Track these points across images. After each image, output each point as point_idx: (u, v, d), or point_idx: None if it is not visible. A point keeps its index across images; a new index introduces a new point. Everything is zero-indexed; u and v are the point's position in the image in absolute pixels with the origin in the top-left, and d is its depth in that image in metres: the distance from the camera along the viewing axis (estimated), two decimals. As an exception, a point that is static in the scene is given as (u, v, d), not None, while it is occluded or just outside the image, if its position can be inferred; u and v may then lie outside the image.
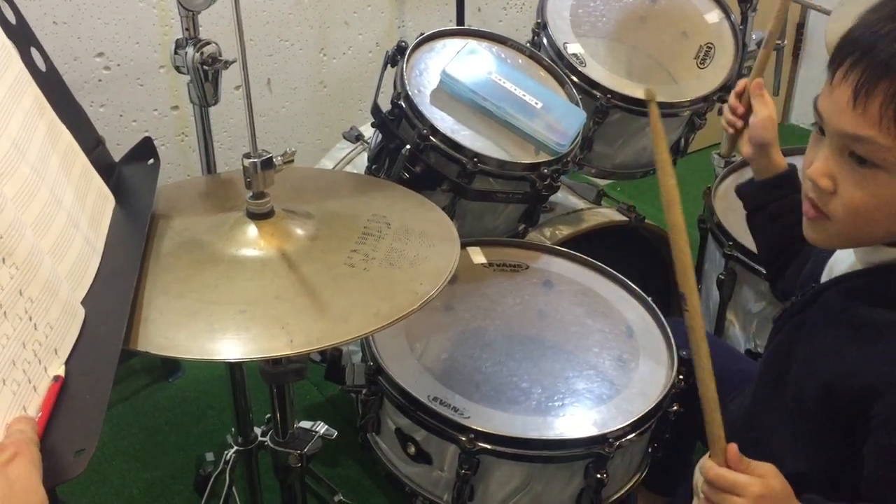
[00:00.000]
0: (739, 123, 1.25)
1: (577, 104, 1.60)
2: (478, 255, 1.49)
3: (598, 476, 1.13)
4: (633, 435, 1.15)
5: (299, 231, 1.07)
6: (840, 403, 0.91)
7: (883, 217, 0.86)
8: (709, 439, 0.87)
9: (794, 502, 0.86)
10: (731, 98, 1.26)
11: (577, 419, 1.17)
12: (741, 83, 1.25)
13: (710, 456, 0.88)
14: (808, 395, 0.95)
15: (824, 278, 1.03)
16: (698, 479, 0.91)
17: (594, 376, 1.25)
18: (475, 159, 1.41)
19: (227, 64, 1.27)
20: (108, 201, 1.04)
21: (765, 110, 1.20)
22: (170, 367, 2.11)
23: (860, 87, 0.82)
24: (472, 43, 1.60)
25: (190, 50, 1.24)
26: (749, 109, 1.23)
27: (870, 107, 0.81)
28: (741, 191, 1.30)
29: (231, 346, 0.88)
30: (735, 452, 0.86)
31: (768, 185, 1.22)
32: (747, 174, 1.85)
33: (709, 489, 0.87)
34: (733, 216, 1.71)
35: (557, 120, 1.52)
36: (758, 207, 1.25)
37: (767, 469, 0.86)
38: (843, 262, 1.00)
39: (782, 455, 0.97)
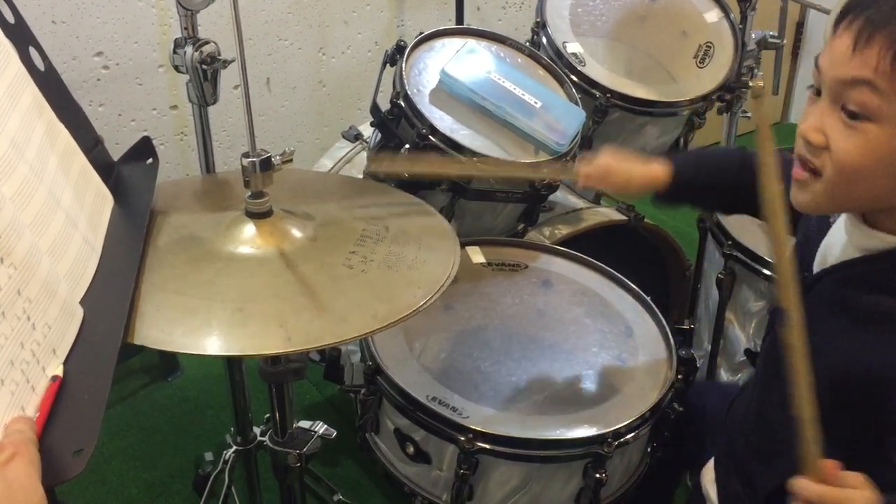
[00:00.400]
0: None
1: (576, 103, 1.60)
2: (477, 255, 1.49)
3: (597, 476, 1.13)
4: (632, 435, 1.15)
5: (297, 231, 1.06)
6: (851, 393, 0.90)
7: (871, 175, 0.86)
8: (803, 459, 0.84)
9: None
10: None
11: (575, 419, 1.17)
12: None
13: (806, 474, 0.84)
14: (820, 387, 0.94)
15: (816, 268, 1.02)
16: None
17: (593, 376, 1.25)
18: (474, 159, 1.41)
19: (225, 63, 1.26)
20: (106, 201, 1.04)
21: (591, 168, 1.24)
22: (168, 366, 2.11)
23: (860, 34, 0.83)
24: (472, 42, 1.60)
25: (189, 49, 1.24)
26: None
27: (868, 51, 0.82)
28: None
29: (228, 342, 0.88)
30: (833, 468, 0.83)
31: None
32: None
33: None
34: (733, 216, 1.71)
35: (557, 119, 1.52)
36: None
37: (860, 479, 0.83)
38: (835, 248, 0.99)
39: (794, 451, 0.97)
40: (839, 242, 0.98)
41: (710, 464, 1.18)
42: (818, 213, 1.00)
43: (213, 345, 0.88)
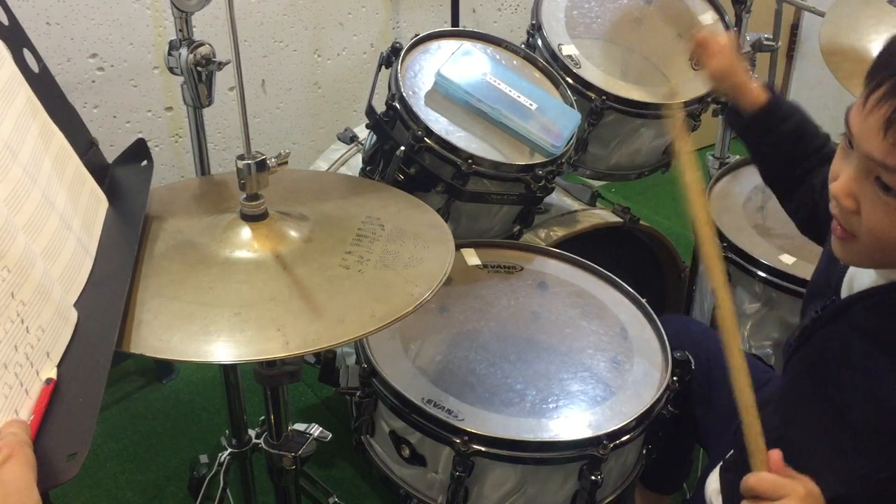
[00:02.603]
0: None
1: (571, 105, 1.61)
2: (472, 257, 1.49)
3: (593, 478, 1.13)
4: (628, 436, 1.15)
5: (293, 233, 1.06)
6: (888, 422, 0.89)
7: None
8: (749, 450, 0.86)
9: None
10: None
11: (571, 421, 1.17)
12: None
13: (752, 468, 0.87)
14: (853, 416, 0.92)
15: (844, 292, 1.00)
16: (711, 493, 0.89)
17: (588, 378, 1.25)
18: (470, 161, 1.41)
19: (220, 65, 1.26)
20: (101, 203, 1.03)
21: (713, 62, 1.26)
22: (163, 369, 2.10)
23: (891, 118, 0.79)
24: (467, 44, 1.60)
25: (184, 51, 1.24)
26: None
27: None
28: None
29: (226, 348, 0.88)
30: (779, 458, 0.85)
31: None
32: (743, 175, 1.87)
33: (750, 499, 0.86)
34: (728, 217, 1.71)
35: (552, 121, 1.52)
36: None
37: (806, 478, 0.85)
38: (863, 274, 0.97)
39: (819, 476, 0.93)
40: (867, 270, 0.96)
41: (715, 474, 1.17)
42: (860, 266, 0.97)
43: (211, 351, 0.87)
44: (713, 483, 1.16)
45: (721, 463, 1.17)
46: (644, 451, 1.27)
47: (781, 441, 0.98)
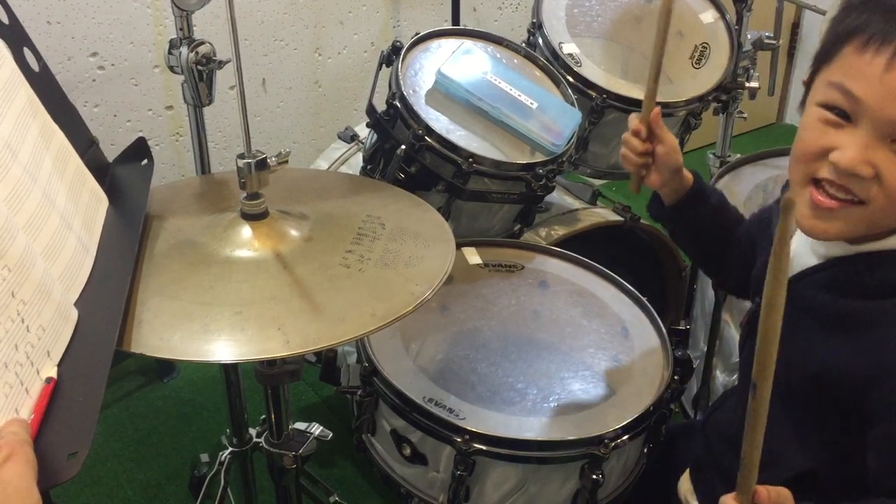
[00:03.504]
0: (649, 160, 1.20)
1: (572, 104, 1.60)
2: (473, 256, 1.49)
3: (594, 477, 1.13)
4: (629, 436, 1.15)
5: (294, 232, 1.06)
6: (831, 394, 0.91)
7: None
8: (740, 481, 0.84)
9: None
10: (635, 143, 1.20)
11: (572, 420, 1.16)
12: (636, 121, 1.20)
13: (735, 494, 0.84)
14: (798, 390, 0.95)
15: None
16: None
17: (589, 377, 1.24)
18: (470, 160, 1.41)
19: (221, 64, 1.26)
20: (101, 202, 1.03)
21: (668, 137, 1.18)
22: (164, 367, 2.10)
23: None
24: (468, 43, 1.60)
25: (184, 50, 1.24)
26: (654, 142, 1.19)
27: None
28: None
29: (227, 348, 0.88)
30: (765, 498, 0.83)
31: (690, 200, 1.21)
32: (743, 174, 1.87)
33: None
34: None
35: (553, 120, 1.52)
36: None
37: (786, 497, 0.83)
38: (800, 256, 0.98)
39: (788, 455, 0.97)
40: (803, 250, 0.98)
41: (686, 475, 1.18)
42: (838, 238, 0.96)
43: (212, 351, 0.87)
44: (686, 483, 1.17)
45: (691, 464, 1.18)
46: (645, 451, 1.27)
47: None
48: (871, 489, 0.88)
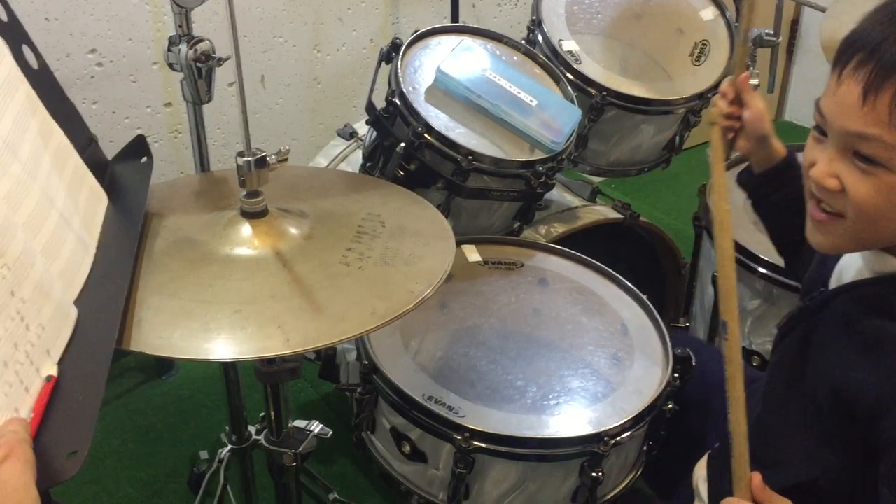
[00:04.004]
0: (737, 124, 1.22)
1: (572, 101, 1.60)
2: (473, 253, 1.49)
3: (594, 475, 1.13)
4: (629, 433, 1.15)
5: (294, 230, 1.06)
6: (850, 413, 0.90)
7: (892, 213, 0.86)
8: (734, 475, 0.88)
9: None
10: (723, 104, 1.21)
11: (572, 418, 1.16)
12: (727, 83, 1.21)
13: (735, 493, 0.89)
14: (821, 401, 0.95)
15: (833, 284, 1.02)
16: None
17: (589, 374, 1.24)
18: (470, 157, 1.41)
19: (220, 61, 1.26)
20: (100, 200, 1.03)
21: (758, 103, 1.19)
22: (163, 365, 2.10)
23: (869, 86, 0.82)
24: (467, 40, 1.59)
25: (183, 47, 1.23)
26: (742, 106, 1.21)
27: (878, 105, 0.81)
28: (742, 181, 1.28)
29: (227, 346, 0.88)
30: (760, 484, 0.87)
31: (771, 174, 1.20)
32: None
33: None
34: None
35: (552, 117, 1.52)
36: (762, 197, 1.25)
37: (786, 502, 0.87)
38: (851, 268, 0.99)
39: (794, 461, 0.97)
40: (855, 264, 0.98)
41: (703, 461, 1.18)
42: (838, 252, 0.99)
43: (212, 349, 0.87)
44: (700, 470, 1.17)
45: (710, 451, 1.18)
46: (645, 448, 1.27)
47: (760, 424, 1.02)
48: None
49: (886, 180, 0.84)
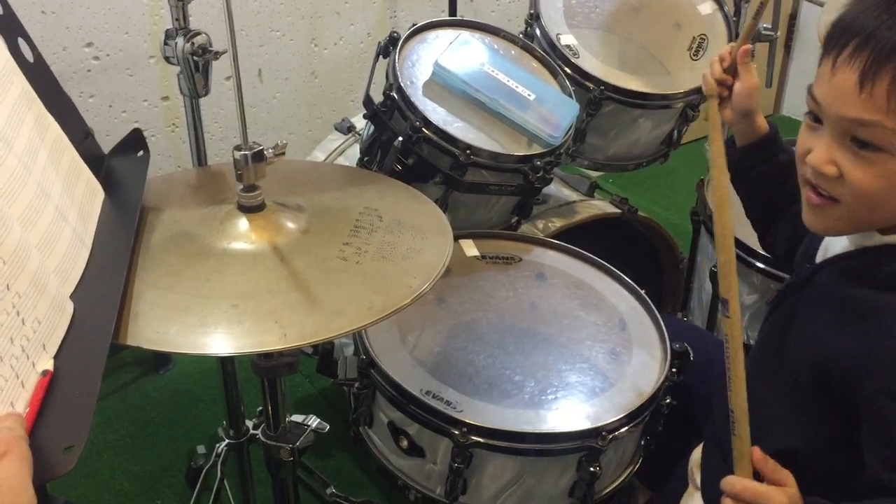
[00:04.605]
0: (725, 93, 1.23)
1: (570, 96, 1.60)
2: (470, 248, 1.49)
3: (591, 469, 1.13)
4: (626, 428, 1.15)
5: (291, 224, 1.06)
6: (827, 382, 0.93)
7: (890, 198, 0.87)
8: (736, 453, 0.89)
9: None
10: (716, 67, 1.23)
11: (569, 412, 1.16)
12: (726, 49, 1.23)
13: (736, 471, 0.89)
14: (803, 372, 0.97)
15: (819, 259, 1.04)
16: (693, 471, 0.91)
17: (587, 369, 1.24)
18: (468, 151, 1.40)
19: (217, 54, 1.25)
20: (97, 194, 1.03)
21: (751, 78, 1.20)
22: (160, 359, 2.10)
23: (867, 72, 0.82)
24: (465, 34, 1.59)
25: (180, 40, 1.23)
26: (735, 77, 1.22)
27: (876, 91, 0.82)
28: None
29: (223, 341, 0.88)
30: (761, 456, 0.89)
31: (753, 148, 1.21)
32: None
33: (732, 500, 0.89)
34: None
35: (550, 111, 1.51)
36: (741, 171, 1.24)
37: (787, 475, 0.88)
38: (836, 242, 1.01)
39: (777, 430, 0.99)
40: (840, 239, 0.99)
41: (700, 447, 1.19)
42: (835, 235, 1.00)
43: (209, 343, 0.87)
44: (696, 454, 1.18)
45: (705, 439, 1.19)
46: (643, 443, 1.27)
47: (748, 394, 1.03)
48: (868, 484, 0.88)
49: (886, 165, 0.85)
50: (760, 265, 1.55)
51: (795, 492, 0.87)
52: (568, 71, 1.66)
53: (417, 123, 1.40)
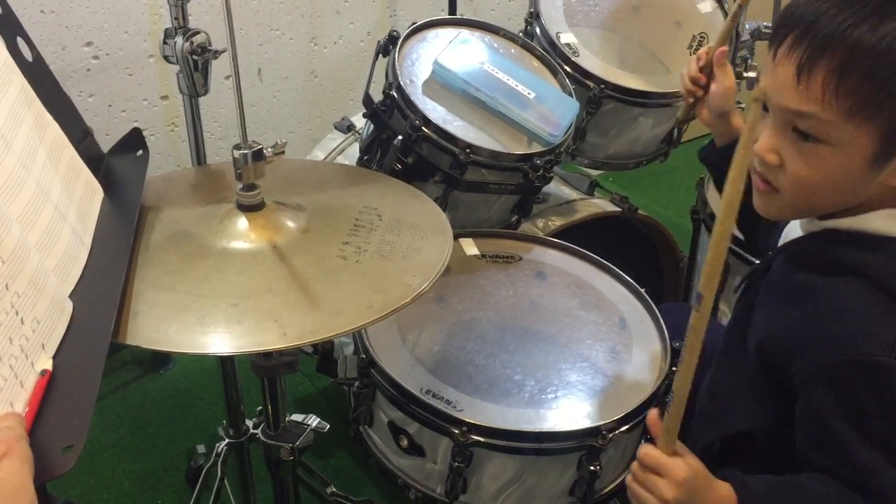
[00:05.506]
0: (700, 93, 1.26)
1: (570, 94, 1.60)
2: (470, 247, 1.48)
3: (592, 468, 1.13)
4: (627, 427, 1.15)
5: (290, 223, 1.06)
6: (773, 363, 0.95)
7: (828, 188, 0.89)
8: (664, 428, 0.90)
9: (712, 482, 0.90)
10: (692, 66, 1.26)
11: (570, 411, 1.16)
12: (703, 50, 1.26)
13: (657, 444, 0.91)
14: (752, 355, 1.00)
15: (781, 244, 1.07)
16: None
17: (587, 368, 1.24)
18: (468, 150, 1.40)
19: (216, 53, 1.25)
20: (96, 193, 1.02)
21: (727, 79, 1.22)
22: (160, 359, 2.10)
23: (803, 64, 0.84)
24: (465, 32, 1.59)
25: (179, 39, 1.23)
26: (710, 78, 1.23)
27: (812, 83, 0.84)
28: (704, 156, 1.32)
29: (223, 340, 0.87)
30: (654, 417, 0.93)
31: (731, 148, 1.22)
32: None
33: (638, 467, 0.92)
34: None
35: (550, 110, 1.51)
36: (719, 173, 1.25)
37: (695, 459, 0.91)
38: (794, 229, 1.04)
39: (731, 414, 1.03)
40: (796, 226, 1.03)
41: None
42: (782, 220, 1.05)
43: (209, 343, 0.87)
44: None
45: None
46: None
47: (713, 383, 1.09)
48: (800, 461, 0.92)
49: (824, 154, 0.87)
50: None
51: (699, 465, 0.89)
52: (568, 69, 1.66)
53: (417, 122, 1.40)
